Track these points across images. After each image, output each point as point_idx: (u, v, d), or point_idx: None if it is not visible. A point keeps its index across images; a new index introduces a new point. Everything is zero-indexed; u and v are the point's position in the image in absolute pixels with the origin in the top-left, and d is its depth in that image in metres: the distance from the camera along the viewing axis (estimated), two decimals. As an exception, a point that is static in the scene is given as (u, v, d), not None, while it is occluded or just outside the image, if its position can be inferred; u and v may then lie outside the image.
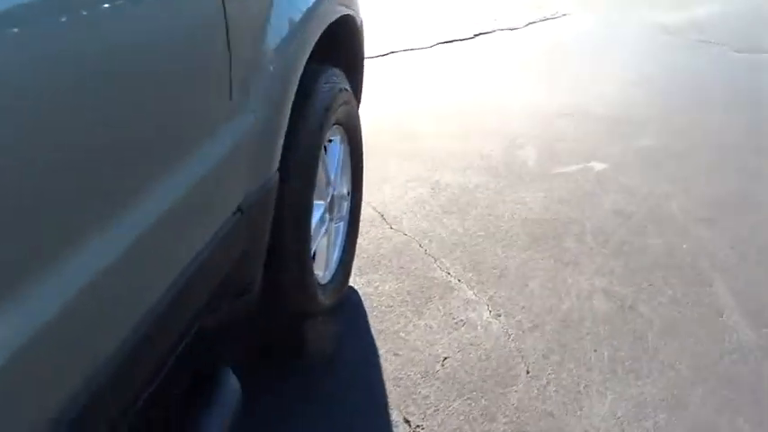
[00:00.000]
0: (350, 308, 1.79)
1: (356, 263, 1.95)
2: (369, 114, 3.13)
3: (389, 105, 3.33)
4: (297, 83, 1.16)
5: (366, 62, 1.91)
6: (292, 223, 1.24)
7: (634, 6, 6.62)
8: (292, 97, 1.14)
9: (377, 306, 1.80)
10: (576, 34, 5.19)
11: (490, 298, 1.85)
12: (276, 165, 1.10)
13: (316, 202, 1.50)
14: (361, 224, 2.12)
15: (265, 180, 1.05)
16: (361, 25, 1.68)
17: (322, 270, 1.62)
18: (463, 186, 2.50)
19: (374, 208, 2.32)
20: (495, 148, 2.85)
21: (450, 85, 3.73)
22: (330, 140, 1.57)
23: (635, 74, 4.11)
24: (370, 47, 4.26)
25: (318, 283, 1.54)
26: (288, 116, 1.12)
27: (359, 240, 2.02)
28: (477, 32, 4.97)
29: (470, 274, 1.95)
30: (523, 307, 1.81)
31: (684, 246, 2.14)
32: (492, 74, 3.99)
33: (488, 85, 3.77)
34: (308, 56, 1.22)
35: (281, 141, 1.10)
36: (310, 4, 1.25)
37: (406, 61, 4.19)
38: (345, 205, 1.77)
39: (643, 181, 2.59)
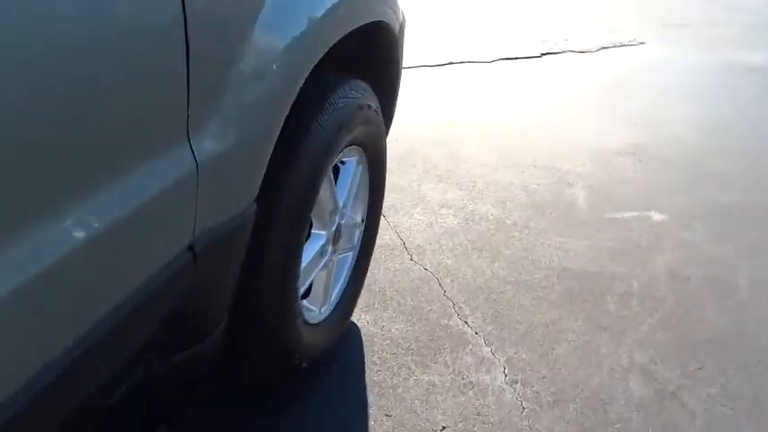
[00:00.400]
0: (347, 349, 1.59)
1: (366, 296, 1.75)
2: (412, 127, 2.93)
3: (436, 120, 3.11)
4: (293, 96, 0.97)
5: (421, 71, 1.70)
6: (272, 265, 1.05)
7: (716, 41, 6.18)
8: (283, 115, 0.95)
9: (378, 351, 1.59)
10: (651, 65, 4.83)
11: (508, 359, 1.61)
12: (252, 196, 0.92)
13: (316, 232, 1.31)
14: (379, 251, 1.92)
15: (233, 215, 0.86)
16: (400, 33, 1.48)
17: (318, 306, 1.42)
18: (500, 221, 2.26)
19: (398, 233, 2.11)
20: (542, 183, 2.59)
21: (505, 106, 3.48)
22: (343, 162, 1.37)
23: (712, 116, 3.75)
24: (428, 55, 4.07)
25: (308, 323, 1.35)
26: (274, 138, 0.93)
27: (373, 270, 1.82)
28: (544, 51, 4.69)
29: (490, 327, 1.72)
30: (545, 376, 1.57)
31: (749, 327, 1.84)
32: (553, 98, 3.72)
33: (546, 110, 3.50)
34: (312, 65, 1.02)
35: (260, 169, 0.92)
36: (321, 3, 1.05)
37: (463, 74, 3.96)
38: (357, 234, 1.57)
39: (707, 241, 2.28)
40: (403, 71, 1.68)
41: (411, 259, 1.98)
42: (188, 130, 0.75)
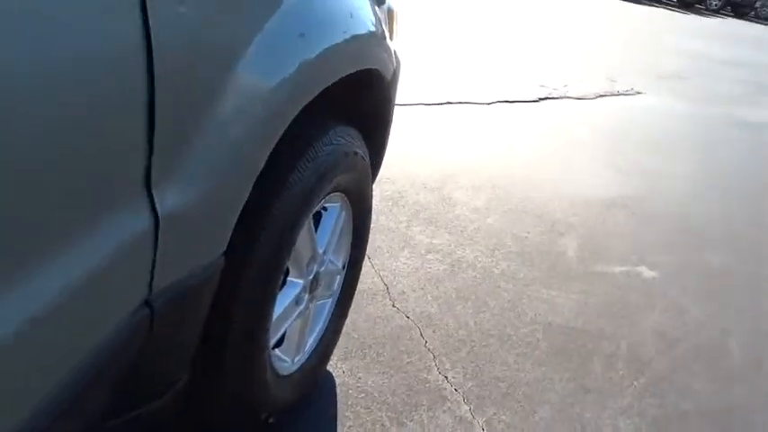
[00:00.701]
0: (320, 400, 1.52)
1: (344, 343, 1.69)
2: (404, 166, 2.90)
3: (429, 160, 3.08)
4: (273, 143, 0.92)
5: (418, 109, 1.67)
6: (240, 319, 1.00)
7: (715, 95, 6.25)
8: (260, 164, 0.90)
9: (352, 404, 1.52)
10: (648, 116, 4.86)
11: (488, 420, 1.54)
12: (221, 249, 0.86)
13: (292, 279, 1.26)
14: (361, 295, 1.87)
15: (196, 270, 0.81)
16: (393, 79, 1.45)
17: (291, 357, 1.36)
18: (487, 270, 2.21)
19: (382, 277, 2.05)
20: (532, 232, 2.55)
21: (500, 150, 3.46)
22: (325, 209, 1.33)
23: (708, 170, 3.75)
24: (426, 93, 4.07)
25: (279, 375, 1.28)
26: (249, 187, 0.88)
27: (353, 314, 1.76)
28: (542, 96, 4.72)
29: (471, 384, 1.65)
30: (525, 441, 1.50)
31: (740, 398, 1.78)
32: (549, 144, 3.71)
33: (542, 156, 3.49)
34: (297, 111, 0.98)
35: (231, 220, 0.87)
36: (312, 47, 1.01)
37: (460, 115, 3.96)
38: (337, 280, 1.52)
39: (698, 303, 2.24)
40: (399, 108, 1.65)
41: (393, 305, 1.92)
42: (149, 180, 0.70)
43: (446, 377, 1.66)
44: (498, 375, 1.70)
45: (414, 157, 3.05)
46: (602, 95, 5.14)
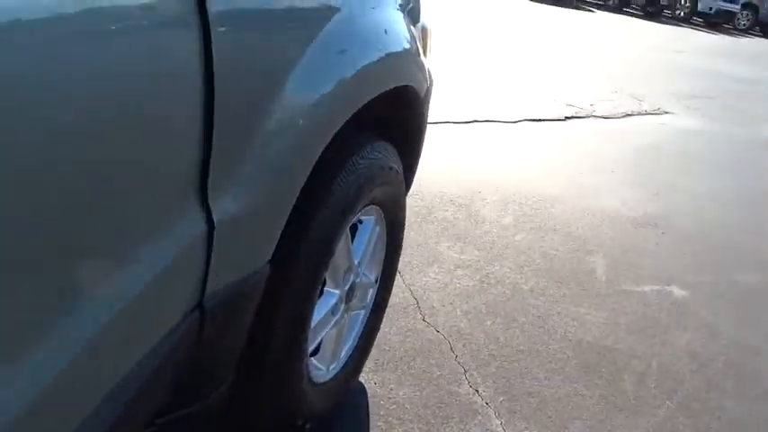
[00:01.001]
0: (352, 410, 1.54)
1: (376, 355, 1.71)
2: (432, 184, 2.93)
3: (457, 178, 3.11)
4: (317, 156, 0.97)
5: (446, 128, 1.71)
6: (282, 326, 1.03)
7: (742, 114, 6.19)
8: (305, 175, 0.95)
9: (384, 415, 1.54)
10: (676, 135, 4.83)
11: (519, 435, 1.54)
12: (267, 256, 0.90)
13: (329, 289, 1.29)
14: (392, 309, 1.88)
15: (245, 276, 0.85)
16: (426, 96, 1.49)
17: (326, 365, 1.39)
18: (516, 287, 2.22)
19: (412, 292, 2.08)
20: (560, 249, 2.55)
21: (526, 167, 3.48)
22: (361, 221, 1.36)
23: (738, 189, 3.71)
24: (453, 111, 4.11)
25: (315, 382, 1.31)
26: (294, 198, 0.93)
27: (385, 328, 1.78)
28: (568, 115, 4.72)
29: (502, 398, 1.66)
30: (556, 457, 1.50)
31: (771, 418, 1.75)
32: (576, 163, 3.71)
33: (569, 174, 3.49)
34: (340, 126, 1.02)
35: (278, 229, 0.91)
36: (353, 65, 1.06)
37: (487, 133, 3.98)
38: (371, 293, 1.54)
39: (731, 324, 2.21)
40: (427, 127, 1.69)
41: (424, 320, 1.94)
42: (206, 188, 0.75)
43: (477, 391, 1.67)
44: (529, 390, 1.71)
45: (442, 173, 3.08)
46: (629, 115, 5.12)
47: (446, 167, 3.18)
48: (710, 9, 17.23)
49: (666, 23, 15.75)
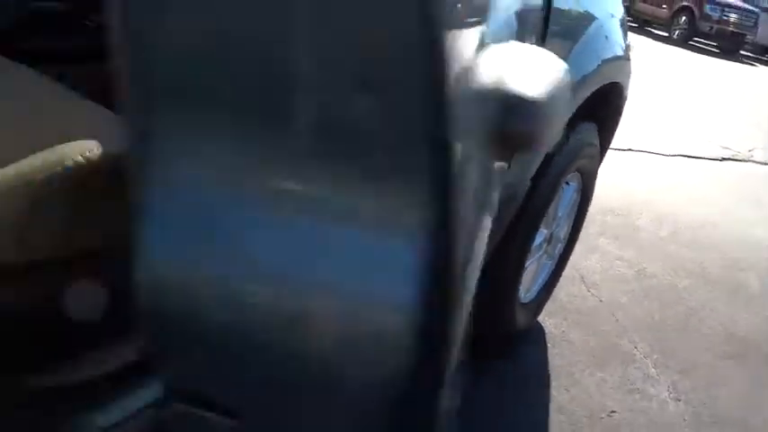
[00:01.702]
0: (534, 340, 1.92)
1: (548, 307, 2.08)
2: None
3: (615, 194, 3.39)
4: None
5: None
6: (518, 243, 1.47)
7: None
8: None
9: (557, 346, 1.90)
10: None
11: (673, 383, 1.84)
12: (530, 174, 1.35)
13: (541, 229, 1.70)
14: (560, 279, 2.24)
15: (524, 179, 1.31)
16: (626, 94, 1.87)
17: (525, 291, 1.79)
18: (671, 283, 2.48)
19: (577, 270, 2.42)
20: (714, 264, 2.75)
21: (681, 195, 3.66)
22: (568, 183, 1.76)
23: None
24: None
25: (519, 301, 1.72)
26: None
27: (554, 292, 2.15)
28: (725, 157, 4.79)
29: (657, 356, 1.95)
30: (705, 404, 1.77)
31: None
32: (731, 198, 3.83)
33: (724, 207, 3.63)
34: (578, 105, 1.44)
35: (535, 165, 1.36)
36: (591, 63, 1.48)
37: (642, 162, 4.20)
38: (559, 247, 1.93)
39: None
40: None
41: (588, 291, 2.28)
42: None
43: (635, 347, 1.98)
44: (682, 357, 1.98)
45: (600, 189, 3.37)
46: (791, 164, 5.05)
47: (604, 185, 3.47)
48: None
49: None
